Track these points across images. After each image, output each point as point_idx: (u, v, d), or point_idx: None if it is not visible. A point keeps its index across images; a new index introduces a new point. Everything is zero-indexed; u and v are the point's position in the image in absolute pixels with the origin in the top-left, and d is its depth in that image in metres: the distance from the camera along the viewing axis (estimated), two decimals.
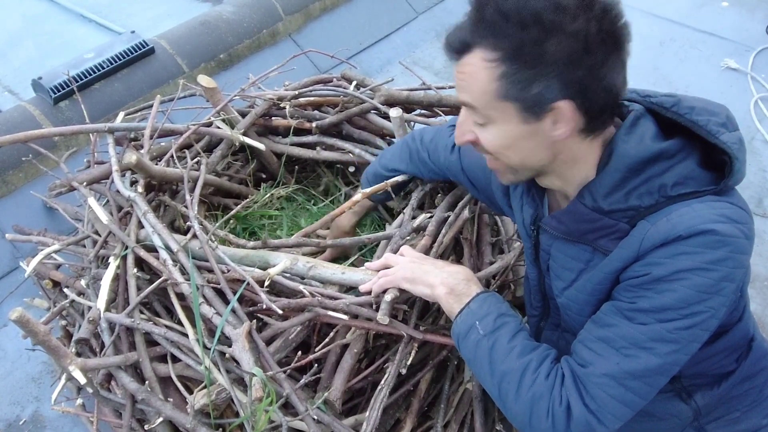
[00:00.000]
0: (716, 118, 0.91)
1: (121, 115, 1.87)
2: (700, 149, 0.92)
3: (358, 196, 1.52)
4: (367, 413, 1.24)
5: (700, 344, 0.91)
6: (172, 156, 1.65)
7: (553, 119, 0.87)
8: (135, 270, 1.42)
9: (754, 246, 0.91)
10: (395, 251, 1.38)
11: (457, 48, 0.89)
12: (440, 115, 1.87)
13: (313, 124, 1.85)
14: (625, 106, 0.96)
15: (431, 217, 1.48)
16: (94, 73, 2.44)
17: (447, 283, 1.12)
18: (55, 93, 2.34)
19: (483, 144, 0.94)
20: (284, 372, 1.25)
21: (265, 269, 1.35)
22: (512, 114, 0.88)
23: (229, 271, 1.34)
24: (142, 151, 1.61)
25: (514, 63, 0.84)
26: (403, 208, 1.57)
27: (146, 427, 1.37)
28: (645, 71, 3.16)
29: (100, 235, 1.55)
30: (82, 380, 1.24)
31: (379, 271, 1.26)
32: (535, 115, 0.87)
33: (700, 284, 0.85)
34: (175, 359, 1.36)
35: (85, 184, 1.67)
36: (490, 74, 0.86)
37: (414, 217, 1.50)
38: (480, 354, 1.03)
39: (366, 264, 1.33)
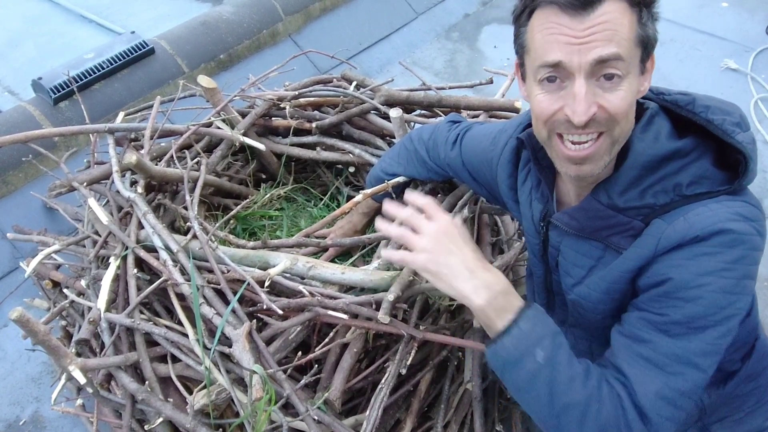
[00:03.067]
0: (731, 117, 0.91)
1: (121, 115, 1.87)
2: (713, 148, 0.92)
3: (359, 197, 1.52)
4: (367, 413, 1.24)
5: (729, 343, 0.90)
6: (172, 156, 1.65)
7: (647, 69, 0.89)
8: (135, 270, 1.42)
9: None
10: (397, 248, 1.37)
11: None
12: (440, 116, 1.88)
13: (313, 125, 1.85)
14: (639, 104, 0.95)
15: None
16: (94, 73, 2.44)
17: (483, 296, 0.92)
18: (55, 93, 2.35)
19: (611, 109, 0.85)
20: (284, 372, 1.25)
21: (265, 269, 1.35)
22: (637, 64, 0.87)
23: (229, 271, 1.34)
24: (142, 152, 1.61)
25: (645, 5, 0.84)
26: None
27: (146, 427, 1.37)
28: None
29: (100, 236, 1.55)
30: (82, 380, 1.24)
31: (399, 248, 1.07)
32: (644, 64, 0.88)
33: (725, 286, 0.86)
34: (175, 359, 1.36)
35: (85, 184, 1.67)
36: (632, 18, 0.83)
37: None
38: (537, 385, 0.90)
39: (383, 253, 1.21)
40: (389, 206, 1.00)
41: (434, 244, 0.93)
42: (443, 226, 0.94)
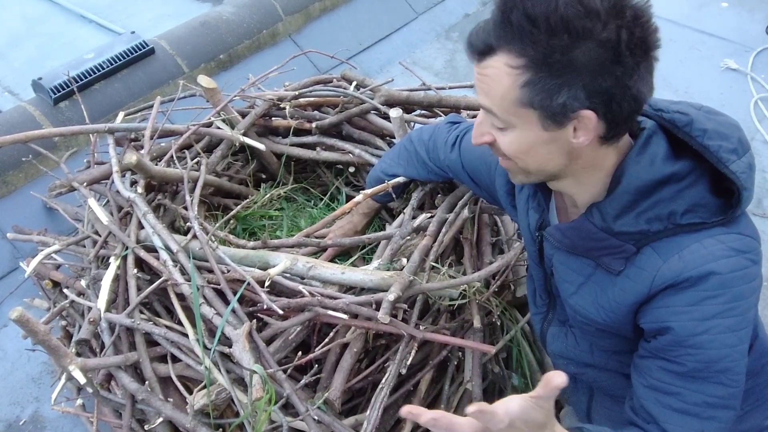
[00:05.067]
0: (727, 143, 0.90)
1: (121, 115, 1.87)
2: (710, 169, 0.91)
3: (359, 197, 1.52)
4: (368, 413, 1.24)
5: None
6: (172, 156, 1.65)
7: (575, 127, 0.85)
8: (135, 270, 1.42)
9: None
10: (395, 252, 1.38)
11: (480, 49, 0.84)
12: (440, 116, 1.87)
13: (313, 125, 1.85)
14: (637, 122, 0.94)
15: (431, 217, 1.48)
16: (94, 73, 2.44)
17: None
18: (55, 93, 2.34)
19: (500, 147, 0.91)
20: (284, 372, 1.25)
21: (265, 269, 1.35)
22: (533, 121, 0.85)
23: (229, 271, 1.34)
24: (142, 152, 1.61)
25: (540, 71, 0.80)
26: (403, 209, 1.58)
27: (146, 427, 1.37)
28: None
29: (100, 236, 1.55)
30: (82, 380, 1.24)
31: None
32: (556, 123, 0.84)
33: (730, 325, 0.87)
34: (175, 359, 1.36)
35: (85, 184, 1.67)
36: (513, 81, 0.82)
37: (414, 217, 1.50)
38: None
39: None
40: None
41: None
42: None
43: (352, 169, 1.91)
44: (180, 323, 1.36)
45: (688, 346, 0.89)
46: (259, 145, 1.77)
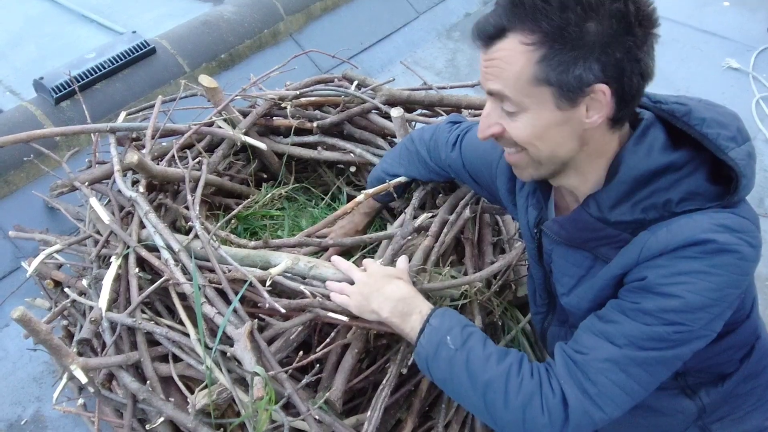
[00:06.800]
0: (726, 131, 0.90)
1: (123, 114, 1.87)
2: (709, 159, 0.91)
3: (361, 197, 1.52)
4: (369, 413, 1.24)
5: (706, 342, 0.90)
6: (173, 156, 1.65)
7: (588, 105, 0.85)
8: (136, 270, 1.42)
9: None
10: (396, 252, 1.38)
11: (491, 33, 0.85)
12: (441, 115, 1.87)
13: (315, 124, 1.85)
14: (635, 113, 0.95)
15: (433, 217, 1.48)
16: (96, 73, 2.45)
17: (386, 308, 1.10)
18: (56, 93, 2.35)
19: (511, 135, 0.90)
20: (286, 372, 1.25)
21: (266, 269, 1.34)
22: (547, 100, 0.85)
23: (230, 271, 1.34)
24: (143, 151, 1.61)
25: (555, 45, 0.81)
26: (405, 208, 1.58)
27: (147, 426, 1.37)
28: None
29: (101, 235, 1.55)
30: (84, 380, 1.24)
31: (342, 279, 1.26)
32: (570, 101, 0.85)
33: (703, 288, 0.85)
34: (177, 359, 1.36)
35: (86, 184, 1.67)
36: (528, 58, 0.83)
37: (415, 217, 1.50)
38: (456, 370, 0.99)
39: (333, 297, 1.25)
40: (339, 263, 1.28)
41: (360, 289, 1.17)
42: (365, 277, 1.18)
43: (353, 169, 1.91)
44: (181, 323, 1.36)
45: (652, 291, 0.87)
46: (261, 145, 1.77)
